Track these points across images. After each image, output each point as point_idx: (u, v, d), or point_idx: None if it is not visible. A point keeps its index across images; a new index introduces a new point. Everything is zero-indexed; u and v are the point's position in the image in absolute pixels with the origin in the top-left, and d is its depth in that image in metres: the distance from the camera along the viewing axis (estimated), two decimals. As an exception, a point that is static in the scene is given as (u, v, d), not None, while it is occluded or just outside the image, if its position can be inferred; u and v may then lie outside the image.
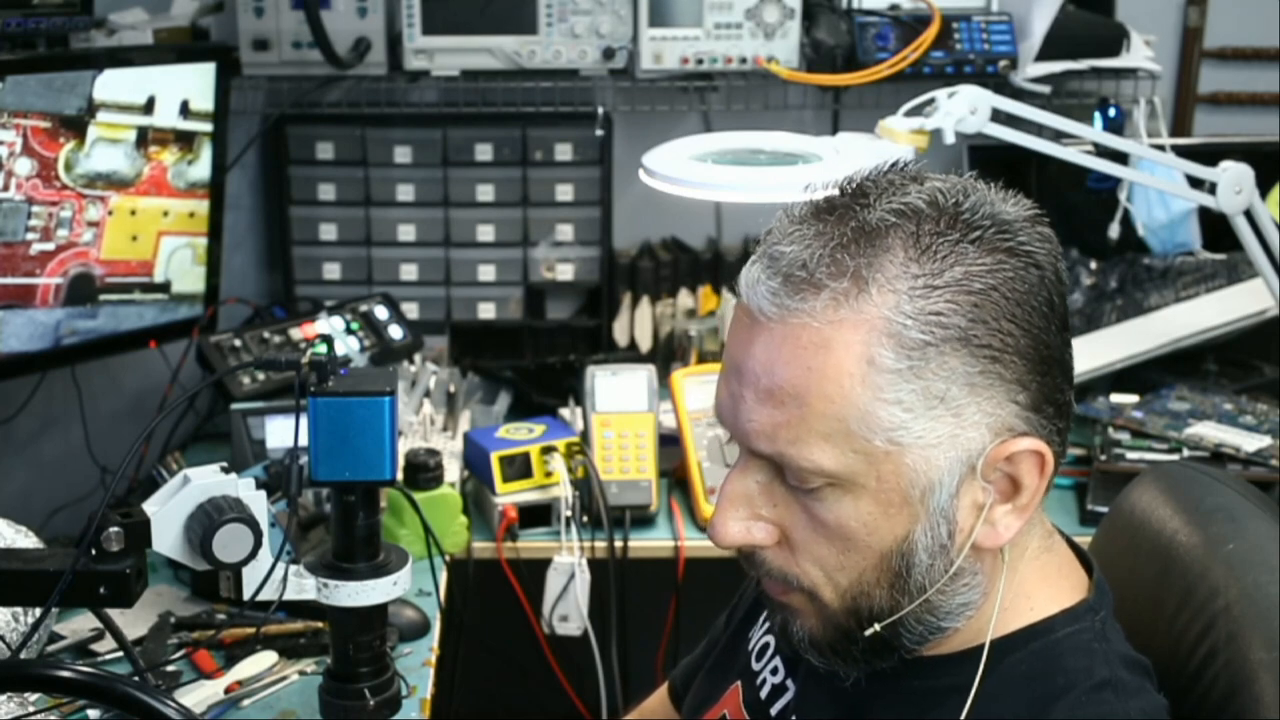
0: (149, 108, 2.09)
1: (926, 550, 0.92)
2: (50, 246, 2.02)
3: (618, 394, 2.11)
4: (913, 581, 0.93)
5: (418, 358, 2.39)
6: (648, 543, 2.03)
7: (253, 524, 1.14)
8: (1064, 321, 0.94)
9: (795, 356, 0.90)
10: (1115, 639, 0.98)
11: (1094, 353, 2.27)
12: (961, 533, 0.93)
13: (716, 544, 0.98)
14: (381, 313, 2.39)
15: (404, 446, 1.95)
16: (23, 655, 1.25)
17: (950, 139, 1.88)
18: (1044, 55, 2.34)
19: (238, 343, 2.23)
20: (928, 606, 0.94)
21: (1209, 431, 2.14)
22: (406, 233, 2.56)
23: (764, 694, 1.13)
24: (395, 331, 2.38)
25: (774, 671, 1.13)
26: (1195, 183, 1.99)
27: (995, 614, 0.96)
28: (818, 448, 0.90)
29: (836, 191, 0.96)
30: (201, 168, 2.21)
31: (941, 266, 0.89)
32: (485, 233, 2.56)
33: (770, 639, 1.15)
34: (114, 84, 2.01)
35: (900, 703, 1.00)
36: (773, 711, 1.11)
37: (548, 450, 2.03)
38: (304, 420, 1.14)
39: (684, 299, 2.60)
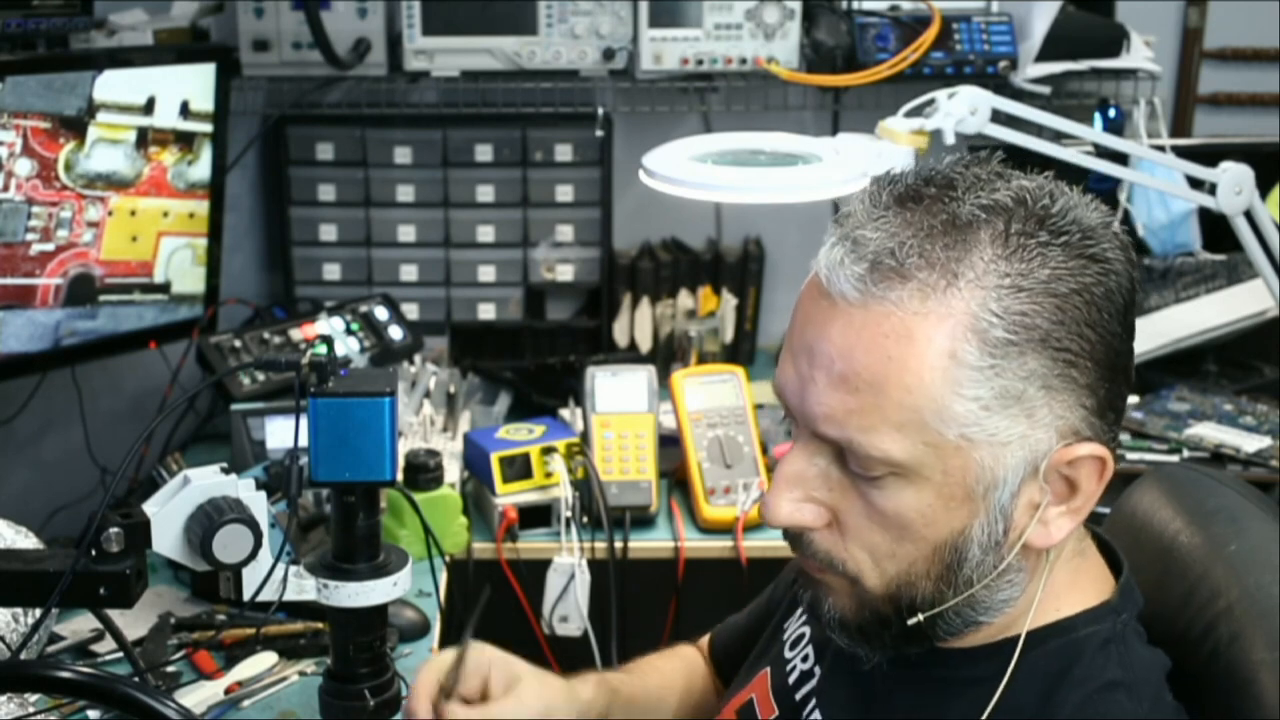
0: (149, 108, 2.09)
1: (980, 545, 0.93)
2: (50, 247, 2.02)
3: (618, 395, 2.10)
4: (962, 575, 0.94)
5: (418, 358, 2.39)
6: (648, 543, 2.03)
7: (253, 525, 1.13)
8: (1132, 329, 0.95)
9: (876, 344, 0.89)
10: (1135, 641, 0.99)
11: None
12: (1015, 530, 0.93)
13: (768, 522, 0.98)
14: (381, 313, 2.39)
15: (404, 447, 1.95)
16: (23, 655, 1.25)
17: (950, 140, 1.87)
18: (1044, 56, 2.34)
19: (238, 343, 2.23)
20: (970, 600, 0.95)
21: (1209, 432, 2.14)
22: (406, 233, 2.56)
23: (791, 680, 1.14)
24: (395, 332, 2.38)
25: (804, 659, 1.15)
26: (1195, 183, 1.98)
27: (1032, 611, 0.97)
28: (889, 437, 0.90)
29: (919, 180, 0.94)
30: (201, 168, 2.21)
31: (1030, 267, 0.89)
32: (485, 233, 2.56)
33: (805, 630, 1.17)
34: (114, 84, 2.01)
35: (921, 691, 1.01)
36: (797, 696, 1.12)
37: (548, 451, 2.03)
38: (304, 421, 1.14)
39: (684, 300, 2.60)
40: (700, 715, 1.37)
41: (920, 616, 0.95)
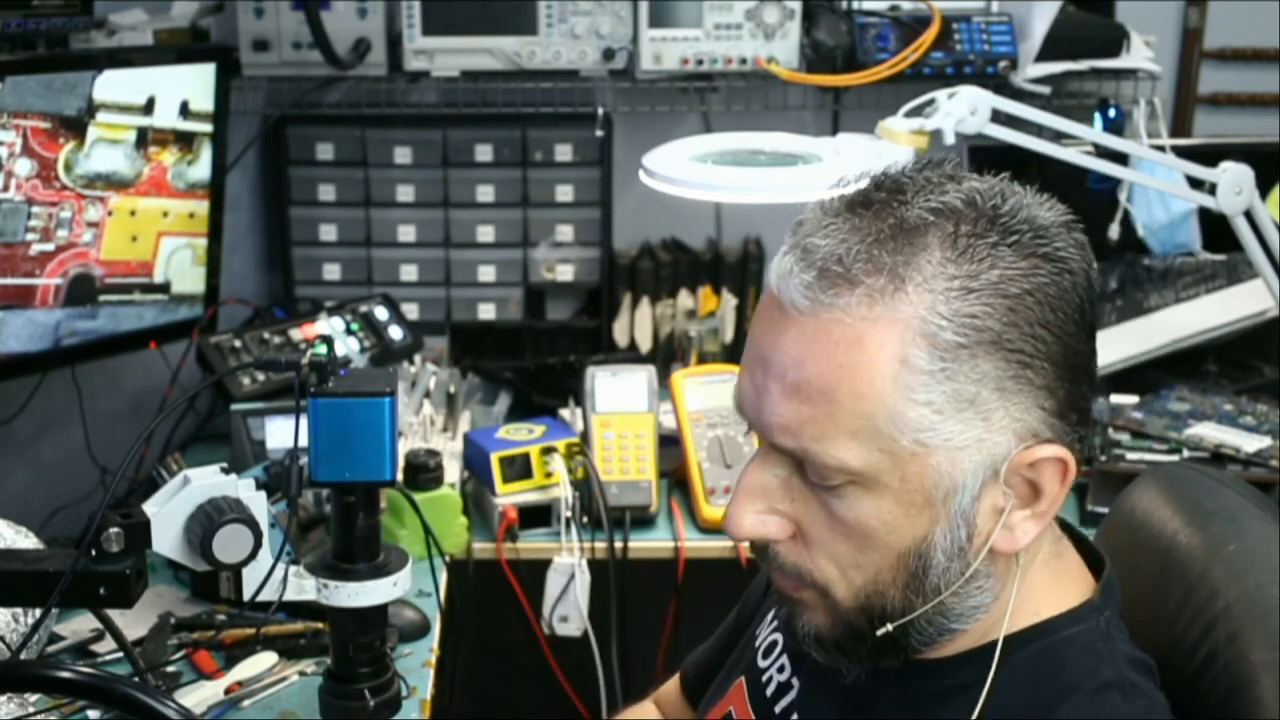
0: (149, 108, 2.09)
1: (944, 552, 0.92)
2: (50, 247, 2.02)
3: (618, 395, 2.11)
4: (928, 582, 0.93)
5: (418, 358, 2.39)
6: (648, 543, 2.03)
7: (253, 525, 1.14)
8: (1092, 329, 0.94)
9: (827, 352, 0.89)
10: (1120, 639, 0.98)
11: (1094, 353, 2.27)
12: (980, 535, 0.92)
13: (731, 535, 0.97)
14: (381, 313, 2.39)
15: (404, 447, 1.95)
16: (23, 655, 1.25)
17: (950, 140, 1.87)
18: (1044, 56, 2.34)
19: (238, 343, 2.23)
20: (940, 608, 0.94)
21: (1209, 432, 2.14)
22: (406, 233, 2.56)
23: (769, 691, 1.13)
24: (395, 332, 2.38)
25: (780, 669, 1.13)
26: (1195, 183, 1.98)
27: (1007, 616, 0.96)
28: (844, 445, 0.89)
29: (871, 185, 0.94)
30: (201, 168, 2.21)
31: (979, 269, 0.88)
32: (485, 233, 2.56)
33: (777, 636, 1.15)
34: (114, 84, 2.01)
35: (904, 703, 1.00)
36: (776, 709, 1.11)
37: (548, 451, 2.03)
38: (304, 421, 1.14)
39: (684, 299, 2.60)
40: None
41: (890, 627, 0.94)
